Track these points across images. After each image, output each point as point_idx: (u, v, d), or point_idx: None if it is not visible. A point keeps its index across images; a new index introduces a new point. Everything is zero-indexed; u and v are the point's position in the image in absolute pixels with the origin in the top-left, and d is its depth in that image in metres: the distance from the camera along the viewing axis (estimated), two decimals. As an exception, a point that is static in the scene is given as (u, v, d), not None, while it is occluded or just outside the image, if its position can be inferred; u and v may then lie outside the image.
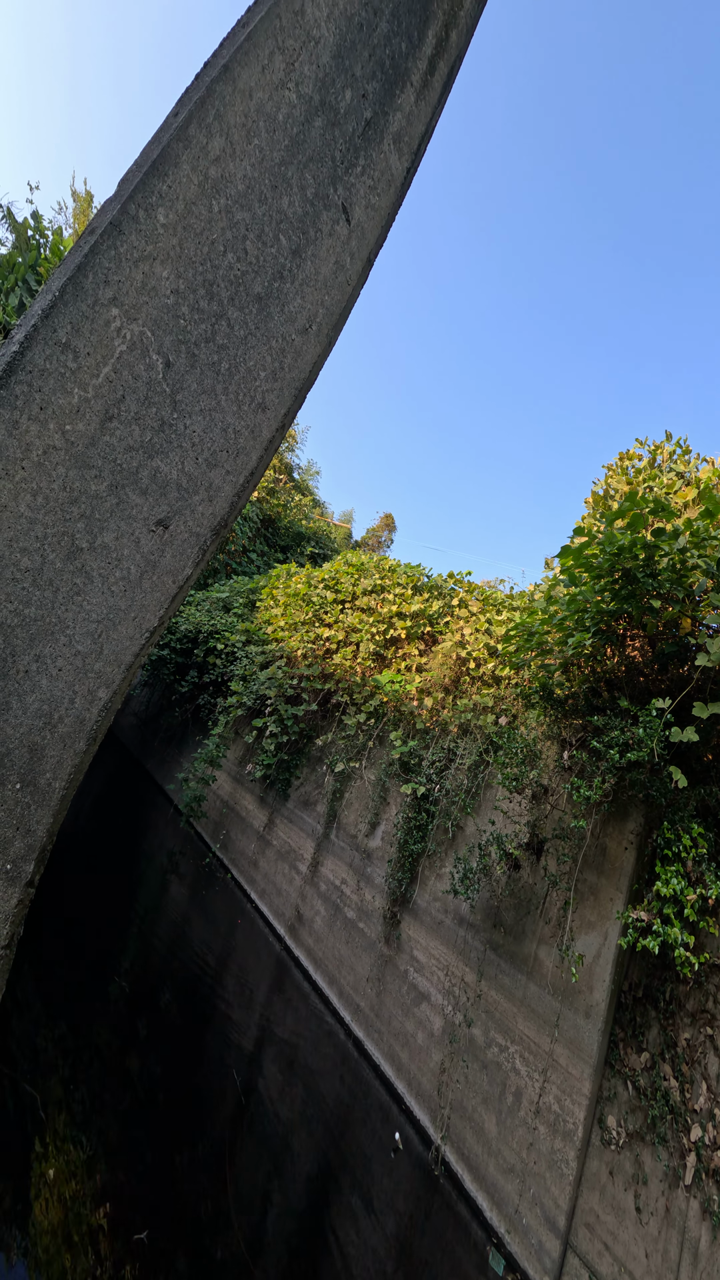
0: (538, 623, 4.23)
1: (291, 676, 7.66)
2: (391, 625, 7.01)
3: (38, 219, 8.50)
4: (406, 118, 2.83)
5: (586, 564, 3.78)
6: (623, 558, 3.61)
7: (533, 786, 4.37)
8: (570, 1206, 2.94)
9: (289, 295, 2.15)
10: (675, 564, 3.54)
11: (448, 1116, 3.74)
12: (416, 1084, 4.05)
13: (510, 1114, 3.41)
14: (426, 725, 5.92)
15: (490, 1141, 3.43)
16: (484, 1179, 3.36)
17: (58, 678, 1.78)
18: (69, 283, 1.76)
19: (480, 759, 5.08)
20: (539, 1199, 3.06)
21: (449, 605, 6.85)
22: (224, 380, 1.98)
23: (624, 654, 4.05)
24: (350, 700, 6.99)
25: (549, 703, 4.34)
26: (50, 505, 1.74)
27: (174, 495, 1.91)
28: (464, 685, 5.95)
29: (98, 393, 1.76)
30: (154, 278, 1.89)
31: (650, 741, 3.10)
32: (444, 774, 5.36)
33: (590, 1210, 2.88)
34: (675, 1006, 3.06)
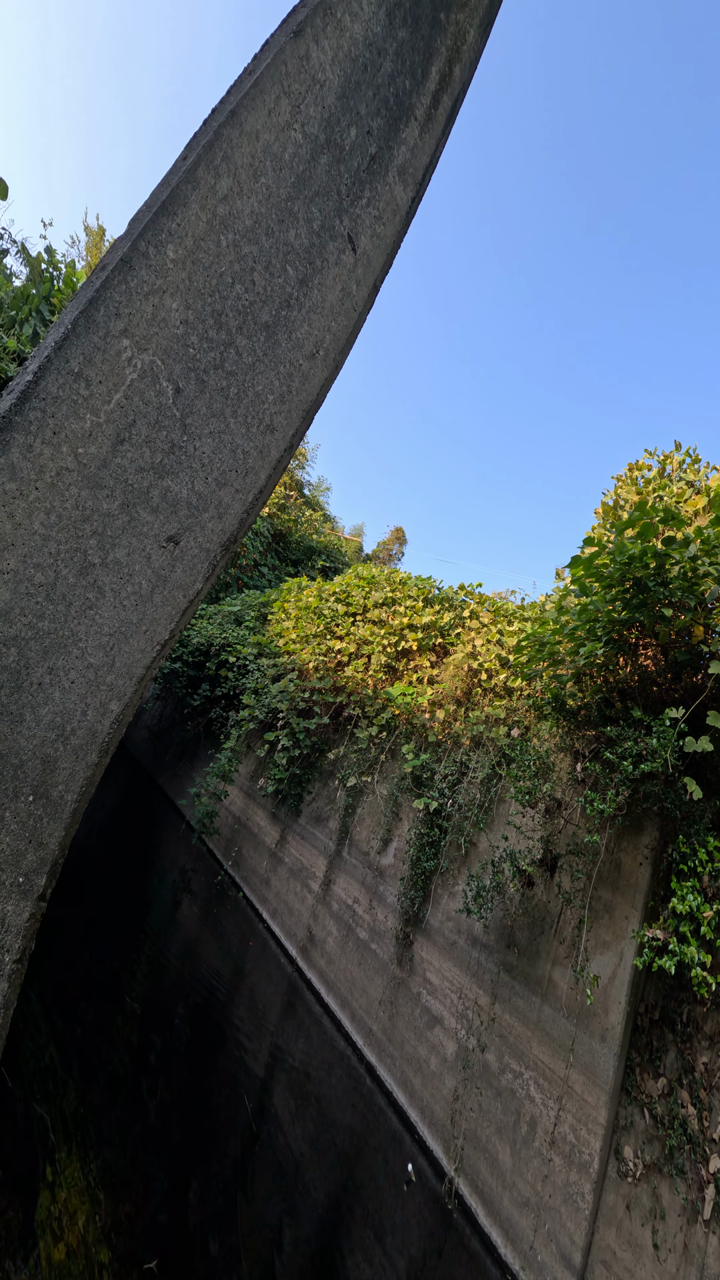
0: (549, 633, 4.24)
1: (303, 689, 7.73)
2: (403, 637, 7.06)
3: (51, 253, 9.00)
4: (411, 150, 2.97)
5: (597, 573, 3.79)
6: (633, 567, 3.62)
7: (546, 800, 4.33)
8: (586, 1243, 2.83)
9: (296, 323, 2.27)
10: (686, 572, 3.55)
11: (461, 1146, 3.65)
12: (429, 1112, 3.97)
13: (525, 1144, 3.32)
14: (438, 738, 5.91)
15: (505, 1173, 3.34)
16: (498, 1213, 3.26)
17: (70, 690, 1.86)
18: (81, 316, 1.90)
19: (493, 772, 5.05)
20: (554, 1235, 2.95)
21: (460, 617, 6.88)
22: (233, 404, 2.08)
23: (636, 663, 4.03)
24: (362, 713, 7.02)
25: (561, 713, 4.32)
26: (63, 523, 1.85)
27: (184, 513, 2.00)
28: (476, 697, 5.95)
29: (109, 418, 1.87)
30: (164, 310, 2.02)
31: (664, 752, 3.08)
32: (456, 788, 5.33)
33: (607, 1247, 2.77)
34: (693, 1029, 2.96)
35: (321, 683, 7.51)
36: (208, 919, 6.94)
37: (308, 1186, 3.62)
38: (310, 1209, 3.47)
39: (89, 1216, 3.04)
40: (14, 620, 1.80)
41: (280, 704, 7.71)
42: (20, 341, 7.79)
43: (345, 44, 2.67)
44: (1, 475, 1.75)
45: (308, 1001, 5.48)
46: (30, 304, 8.30)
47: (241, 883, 7.55)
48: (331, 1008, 5.23)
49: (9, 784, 1.63)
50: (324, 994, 5.40)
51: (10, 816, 1.61)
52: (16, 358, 7.56)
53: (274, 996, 5.61)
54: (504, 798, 4.84)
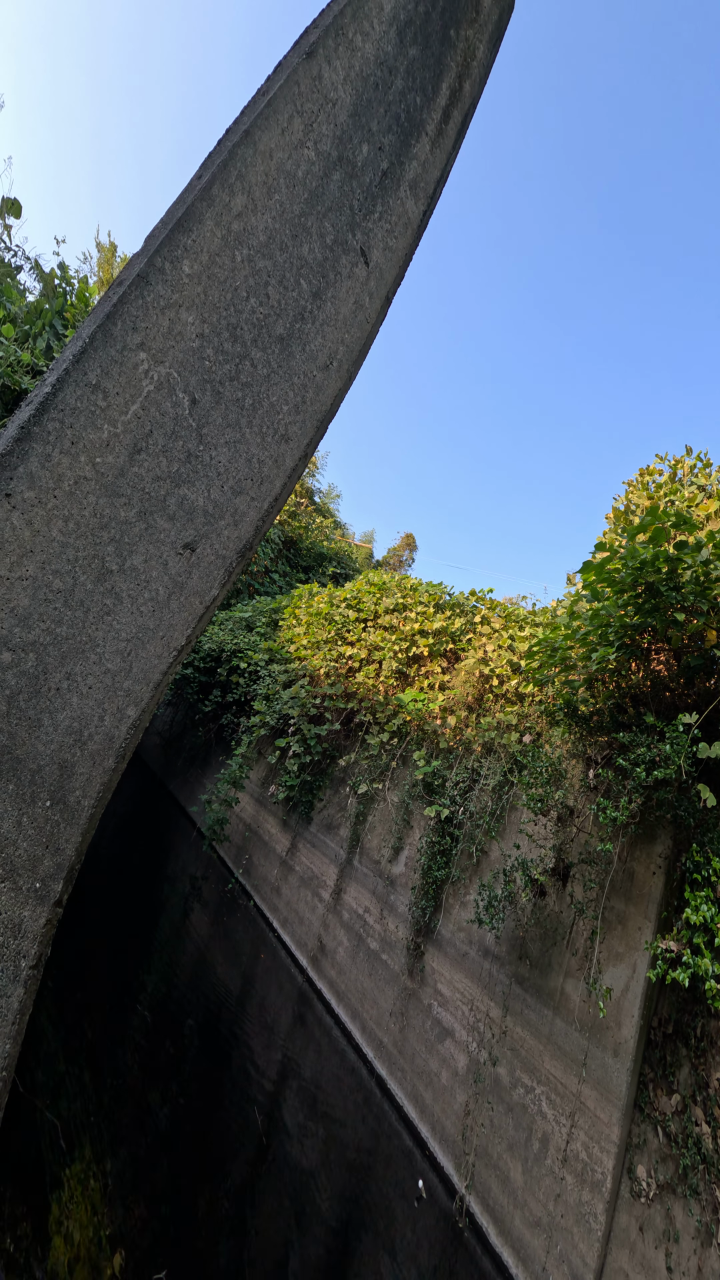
0: (561, 638, 4.23)
1: (314, 695, 7.76)
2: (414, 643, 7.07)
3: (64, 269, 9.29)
4: (422, 165, 3.04)
5: (609, 578, 3.79)
6: (645, 571, 3.61)
7: (558, 808, 4.29)
8: (599, 1265, 2.77)
9: (310, 335, 2.33)
10: (699, 576, 3.53)
11: (472, 1164, 3.60)
12: (440, 1127, 3.92)
13: (537, 1162, 3.26)
14: (450, 744, 5.90)
15: (516, 1192, 3.28)
16: (509, 1233, 3.20)
17: (88, 695, 1.91)
18: (99, 330, 1.97)
19: (504, 779, 5.01)
20: (566, 1256, 2.89)
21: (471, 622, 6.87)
22: (248, 415, 2.14)
23: (649, 668, 4.00)
24: (373, 719, 7.03)
25: (573, 719, 4.30)
26: (81, 530, 1.91)
27: (200, 521, 2.06)
28: (487, 703, 5.92)
29: (126, 428, 1.94)
30: (180, 323, 2.09)
31: (678, 758, 3.04)
32: (468, 795, 5.31)
33: (619, 1269, 2.70)
34: (707, 1044, 2.90)
35: (333, 689, 7.54)
36: (218, 927, 6.95)
37: (317, 1201, 3.59)
38: (319, 1224, 3.44)
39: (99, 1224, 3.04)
40: (33, 626, 1.85)
41: (291, 710, 7.75)
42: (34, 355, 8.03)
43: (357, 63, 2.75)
44: (21, 484, 1.81)
45: (318, 1012, 5.46)
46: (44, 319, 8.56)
47: (252, 891, 7.56)
48: (342, 1019, 5.20)
49: (27, 789, 1.67)
50: (334, 1005, 5.38)
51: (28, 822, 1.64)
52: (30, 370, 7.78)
53: (284, 1007, 5.60)
54: (516, 805, 4.80)
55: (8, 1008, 1.49)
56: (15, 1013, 1.49)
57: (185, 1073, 4.48)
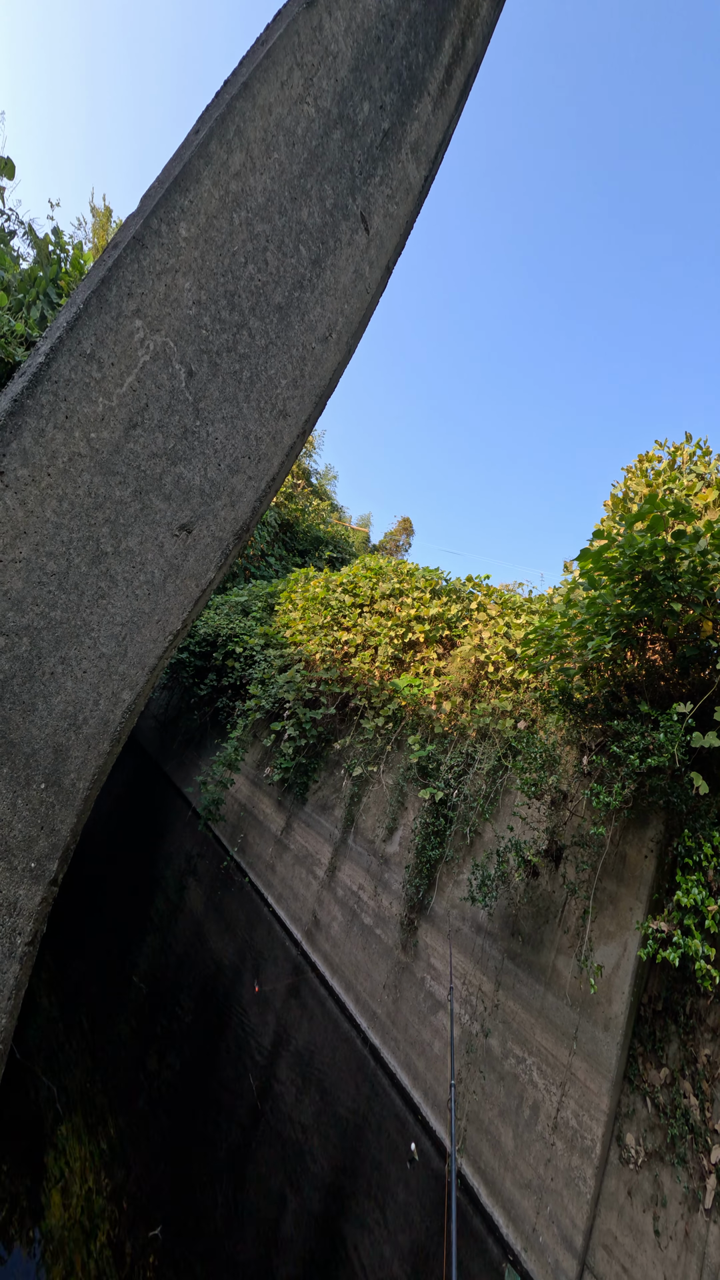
0: (557, 626, 4.18)
1: (310, 680, 7.71)
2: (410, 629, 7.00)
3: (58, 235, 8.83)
4: (424, 127, 2.87)
5: (606, 567, 3.73)
6: (643, 560, 3.55)
7: (552, 792, 4.30)
8: (588, 1226, 2.86)
9: (309, 305, 2.20)
10: (696, 566, 3.48)
11: (464, 1128, 3.69)
12: (433, 1094, 4.00)
13: (528, 1128, 3.34)
14: (445, 729, 5.89)
15: (507, 1156, 3.36)
16: (500, 1194, 3.30)
17: (82, 680, 1.83)
18: (93, 296, 1.83)
19: (499, 764, 5.02)
20: (556, 1217, 2.98)
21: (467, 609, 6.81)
22: (245, 388, 2.02)
23: (644, 658, 3.97)
24: (368, 704, 7.00)
25: (568, 707, 4.28)
26: (75, 510, 1.81)
27: (197, 500, 1.95)
28: (482, 689, 5.90)
29: (122, 401, 1.82)
30: (176, 289, 1.95)
31: (671, 746, 3.04)
32: (462, 779, 5.31)
33: (608, 1231, 2.79)
34: (696, 1021, 2.95)
35: (328, 674, 7.49)
36: (213, 903, 7.00)
37: (312, 1163, 3.66)
38: (314, 1183, 3.51)
39: (95, 1184, 3.08)
40: (26, 610, 1.77)
41: (287, 694, 7.70)
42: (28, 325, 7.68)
43: (359, 15, 2.56)
44: (14, 461, 1.71)
45: (312, 984, 5.53)
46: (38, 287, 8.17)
47: (247, 868, 7.60)
48: (336, 990, 5.27)
49: (21, 772, 1.62)
50: (329, 977, 5.45)
51: (22, 804, 1.60)
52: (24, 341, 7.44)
53: (279, 978, 5.67)
54: (510, 789, 4.82)
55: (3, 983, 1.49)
56: (11, 988, 1.49)
57: (181, 1041, 4.53)
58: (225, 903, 7.00)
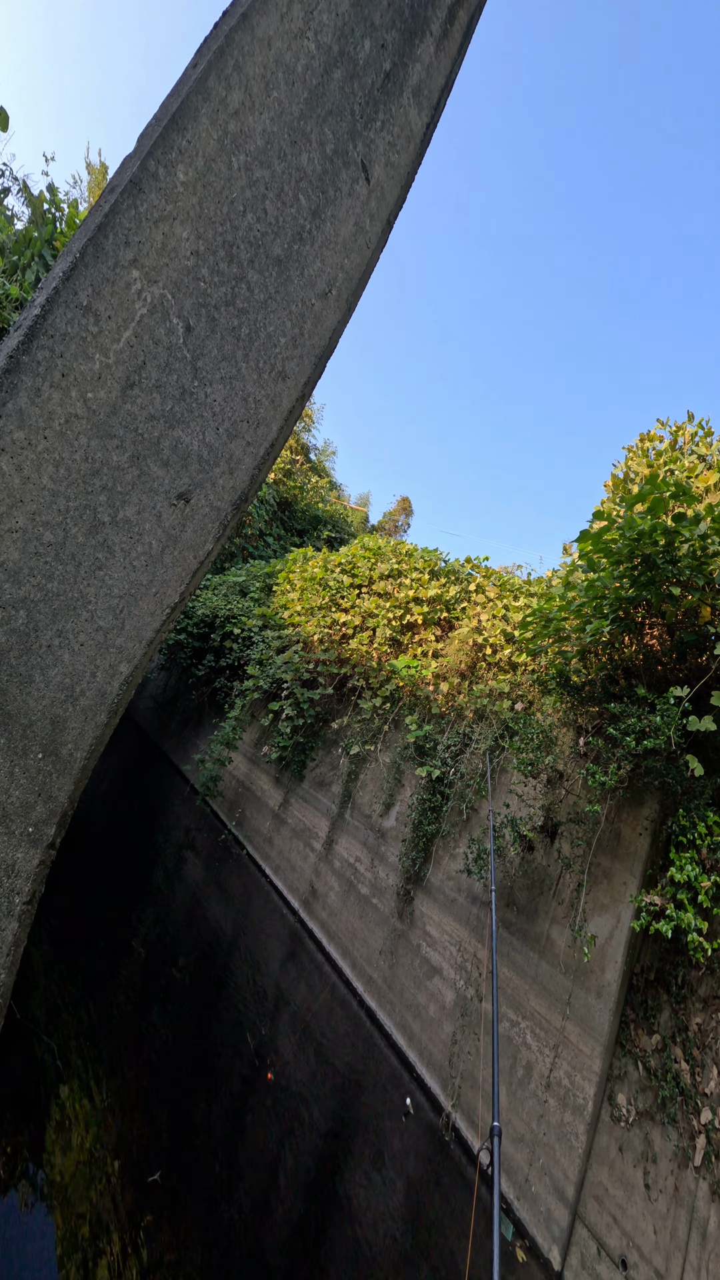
0: (555, 609, 4.11)
1: (308, 661, 7.63)
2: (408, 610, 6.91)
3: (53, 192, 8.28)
4: (426, 69, 2.65)
5: (605, 549, 3.63)
6: (642, 543, 3.46)
7: (548, 771, 4.29)
8: (579, 1178, 2.93)
9: (309, 258, 2.05)
10: (696, 550, 3.39)
11: (459, 1085, 3.76)
12: (428, 1054, 4.08)
13: (520, 1086, 3.41)
14: (442, 710, 5.85)
15: (501, 1111, 3.44)
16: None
17: (79, 652, 1.75)
18: (89, 244, 1.69)
19: (495, 744, 5.00)
20: (548, 1169, 3.06)
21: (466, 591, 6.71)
22: (244, 346, 1.88)
23: (642, 642, 3.92)
24: (366, 684, 6.94)
25: (565, 689, 4.24)
26: (72, 477, 1.69)
27: (195, 467, 1.83)
28: (480, 671, 5.85)
29: (119, 358, 1.69)
30: (174, 238, 1.80)
31: (667, 730, 3.00)
32: (459, 758, 5.30)
33: (599, 1183, 2.87)
34: (687, 991, 2.99)
35: (326, 655, 7.41)
36: (211, 873, 7.05)
37: (309, 1114, 3.73)
38: (310, 1134, 3.58)
39: (96, 1136, 3.11)
40: (23, 582, 1.68)
41: (285, 675, 7.62)
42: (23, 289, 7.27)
43: (364, -56, 2.33)
44: (10, 423, 1.58)
45: (309, 949, 5.60)
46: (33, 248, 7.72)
47: (245, 841, 7.64)
48: (333, 956, 5.34)
49: (18, 742, 1.55)
50: (325, 943, 5.51)
51: (20, 772, 1.56)
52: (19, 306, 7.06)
53: (276, 944, 5.74)
54: (506, 768, 4.81)
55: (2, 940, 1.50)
56: (10, 945, 1.51)
57: (179, 1002, 4.57)
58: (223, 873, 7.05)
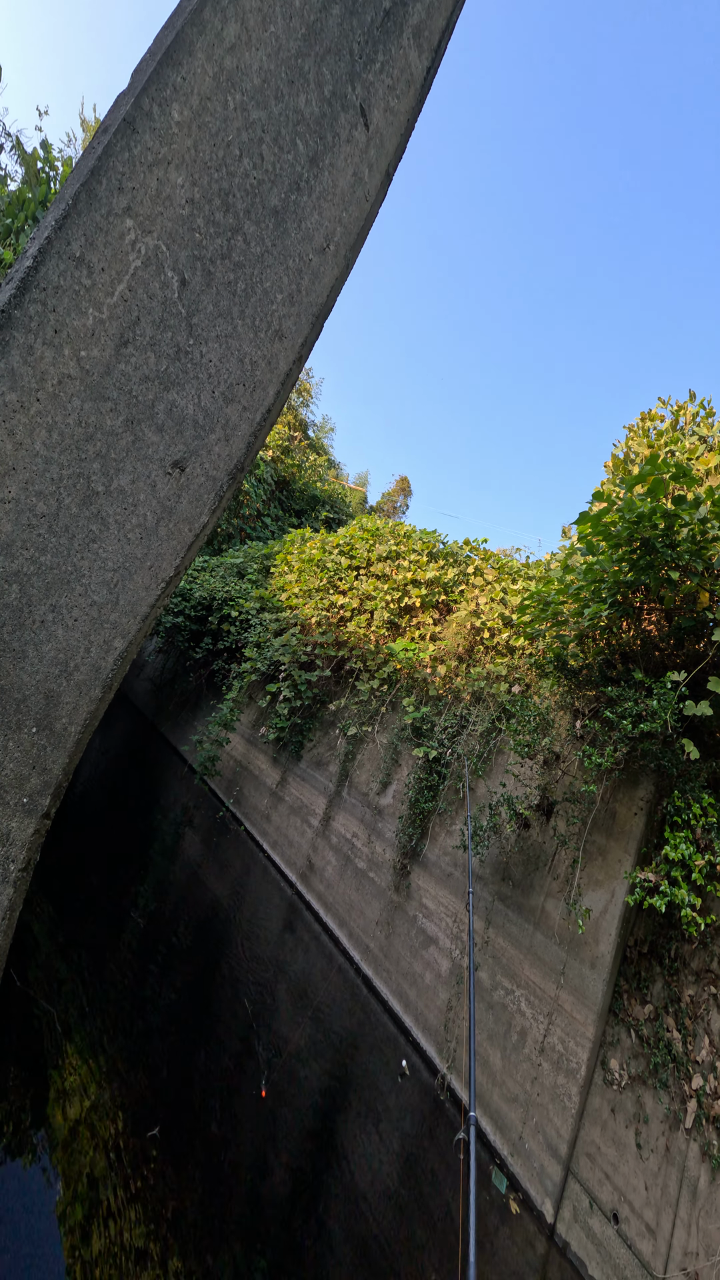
0: (553, 592, 4.04)
1: (305, 644, 7.55)
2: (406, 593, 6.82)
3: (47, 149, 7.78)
4: (427, 9, 2.47)
5: (605, 532, 3.55)
6: (642, 526, 3.38)
7: (544, 753, 4.28)
8: (572, 1137, 3.02)
9: (306, 210, 1.91)
10: (695, 534, 3.32)
11: (454, 1049, 3.84)
12: (424, 1019, 4.16)
13: (515, 1050, 3.49)
14: (439, 693, 5.82)
15: (495, 1073, 3.52)
16: (488, 1106, 3.47)
17: (73, 628, 1.68)
18: (82, 189, 1.56)
19: (492, 726, 4.98)
20: (541, 1127, 3.14)
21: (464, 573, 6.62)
22: (240, 303, 1.76)
23: (640, 627, 3.88)
24: (364, 667, 6.89)
25: (563, 673, 4.21)
26: (66, 443, 1.59)
27: (190, 433, 1.73)
28: (478, 654, 5.81)
29: (112, 313, 1.57)
30: (169, 185, 1.66)
31: (664, 714, 2.99)
32: (456, 739, 5.29)
33: (592, 1142, 2.95)
34: (680, 964, 3.04)
35: (324, 637, 7.33)
36: (210, 848, 7.08)
37: (306, 1076, 3.78)
38: (308, 1094, 3.63)
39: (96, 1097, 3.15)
40: (16, 555, 1.60)
41: (282, 657, 7.55)
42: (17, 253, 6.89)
43: None
44: (2, 384, 1.47)
45: (307, 920, 5.67)
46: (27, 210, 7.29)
47: (243, 818, 7.68)
48: (330, 926, 5.41)
49: (12, 716, 1.49)
50: (322, 914, 5.58)
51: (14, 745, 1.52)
52: None
53: (274, 915, 5.79)
54: (503, 749, 4.80)
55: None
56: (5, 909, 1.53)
57: (178, 970, 4.60)
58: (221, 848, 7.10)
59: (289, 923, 5.66)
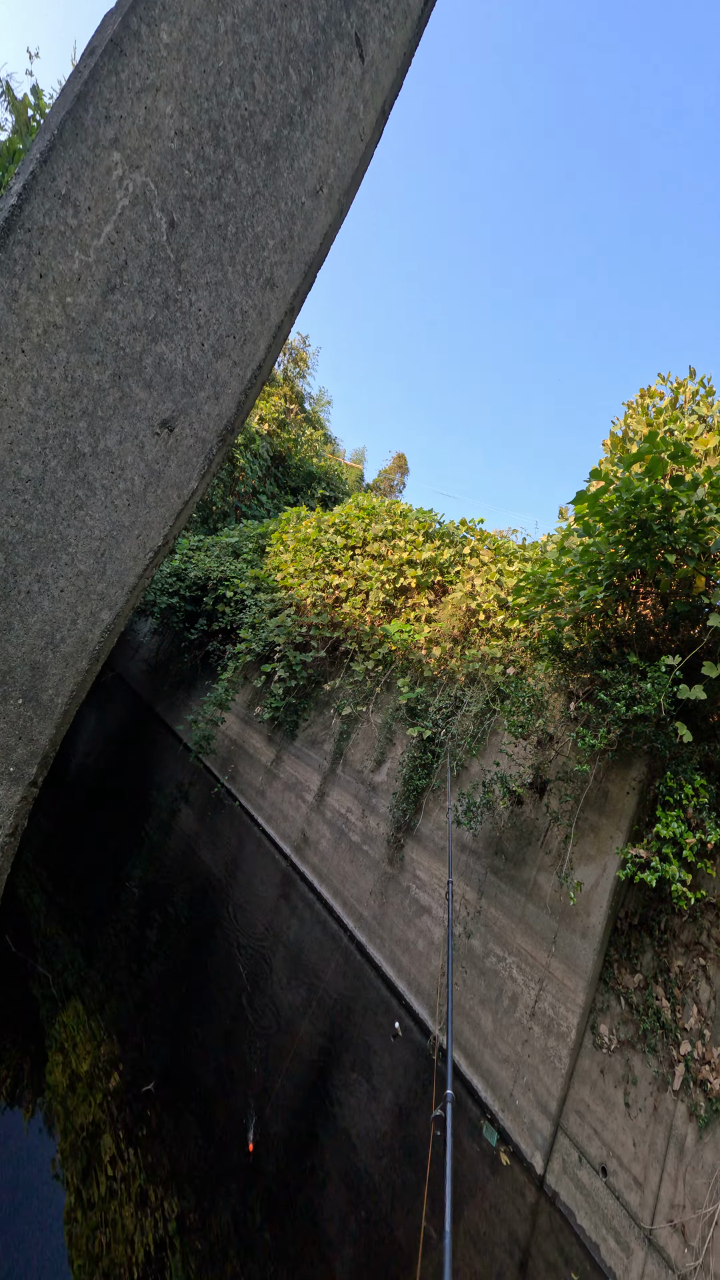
0: (549, 574, 3.97)
1: (300, 625, 7.46)
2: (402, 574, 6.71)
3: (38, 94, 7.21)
4: None
5: (602, 513, 3.47)
6: (639, 507, 3.30)
7: (538, 734, 4.28)
8: (562, 1095, 3.11)
9: (299, 147, 1.78)
10: (693, 517, 3.25)
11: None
12: (416, 984, 4.23)
13: (506, 1014, 3.56)
14: (434, 674, 5.79)
15: (486, 1036, 3.61)
16: (480, 1065, 3.56)
17: (59, 599, 1.59)
18: (68, 118, 1.42)
19: (487, 707, 4.97)
20: (532, 1085, 3.23)
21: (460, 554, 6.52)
22: (230, 248, 1.63)
23: (635, 612, 3.84)
24: (359, 648, 6.82)
25: (557, 655, 4.17)
26: (52, 399, 1.48)
27: (179, 390, 1.61)
28: (473, 636, 5.76)
29: (99, 257, 1.44)
30: (157, 114, 1.52)
31: (658, 697, 2.97)
32: (450, 719, 5.27)
33: (581, 1100, 3.04)
34: (670, 936, 3.09)
35: (319, 618, 7.23)
36: (205, 822, 7.11)
37: (300, 1036, 3.84)
38: (303, 1052, 3.70)
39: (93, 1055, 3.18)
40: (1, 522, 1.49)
41: (277, 638, 7.46)
42: None
43: None
44: None
45: (301, 890, 5.73)
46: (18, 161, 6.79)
47: (237, 794, 7.71)
48: (324, 895, 5.47)
49: None
50: (317, 884, 5.64)
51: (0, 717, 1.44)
52: None
53: (268, 886, 5.85)
54: (497, 730, 4.80)
55: None
56: None
57: (174, 936, 4.63)
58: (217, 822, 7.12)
59: (283, 892, 5.72)
